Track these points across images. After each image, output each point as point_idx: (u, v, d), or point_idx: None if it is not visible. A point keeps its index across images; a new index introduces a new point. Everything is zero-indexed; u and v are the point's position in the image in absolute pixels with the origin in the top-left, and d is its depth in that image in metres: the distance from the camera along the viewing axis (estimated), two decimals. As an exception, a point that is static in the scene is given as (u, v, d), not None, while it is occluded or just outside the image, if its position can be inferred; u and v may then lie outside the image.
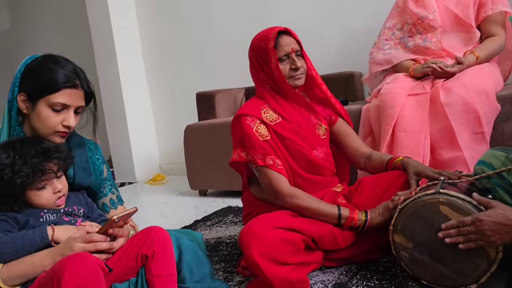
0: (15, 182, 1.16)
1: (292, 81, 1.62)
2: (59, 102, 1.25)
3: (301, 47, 1.63)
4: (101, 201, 1.47)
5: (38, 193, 1.21)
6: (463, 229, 1.18)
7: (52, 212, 1.24)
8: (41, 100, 1.25)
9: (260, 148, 1.56)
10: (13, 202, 1.19)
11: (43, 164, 1.20)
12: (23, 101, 1.27)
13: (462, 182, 1.36)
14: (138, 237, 1.23)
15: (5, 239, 1.13)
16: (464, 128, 1.80)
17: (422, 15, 2.14)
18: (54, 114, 1.26)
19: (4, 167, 1.16)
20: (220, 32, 3.70)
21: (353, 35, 3.06)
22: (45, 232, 1.16)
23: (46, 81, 1.25)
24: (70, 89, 1.27)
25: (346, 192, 1.66)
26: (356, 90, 2.90)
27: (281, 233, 1.36)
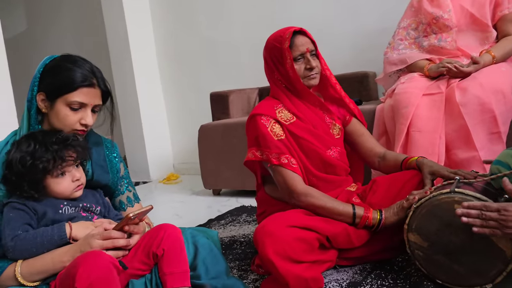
0: (37, 168, 1.20)
1: (306, 81, 1.63)
2: (77, 101, 1.28)
3: (316, 47, 1.64)
4: (118, 198, 1.49)
5: (58, 180, 1.25)
6: (486, 213, 1.15)
7: (71, 205, 1.27)
8: (60, 99, 1.28)
9: (275, 147, 1.57)
10: (34, 189, 1.22)
11: (62, 151, 1.24)
12: (42, 100, 1.30)
13: (478, 182, 1.36)
14: (148, 235, 1.24)
15: (24, 236, 1.16)
16: (480, 128, 1.79)
17: (437, 14, 2.12)
18: (72, 112, 1.29)
19: (26, 155, 1.21)
20: (235, 32, 3.71)
21: (367, 34, 3.05)
22: (63, 230, 1.18)
23: (64, 80, 1.28)
24: (87, 88, 1.30)
25: (361, 192, 1.66)
26: (370, 90, 2.89)
27: (295, 231, 1.37)
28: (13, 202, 1.21)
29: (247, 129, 1.69)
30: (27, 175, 1.21)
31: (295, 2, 3.35)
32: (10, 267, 1.17)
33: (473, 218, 1.17)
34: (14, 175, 1.21)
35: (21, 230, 1.17)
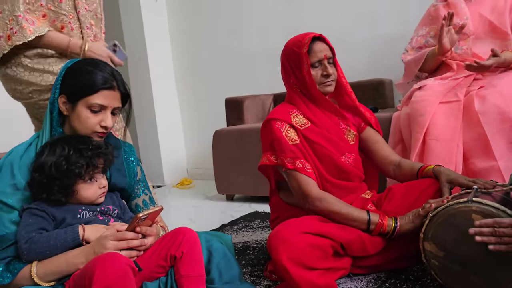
0: (72, 172, 1.23)
1: (322, 87, 1.63)
2: (97, 103, 1.30)
3: (333, 54, 1.64)
4: (134, 201, 1.50)
5: (87, 185, 1.28)
6: (499, 230, 1.13)
7: (89, 210, 1.29)
8: (80, 102, 1.30)
9: (290, 151, 1.56)
10: (63, 193, 1.24)
11: (95, 159, 1.27)
12: (64, 103, 1.32)
13: (497, 192, 1.33)
14: (167, 238, 1.26)
15: (38, 238, 1.18)
16: (500, 137, 1.76)
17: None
18: (93, 115, 1.31)
19: (61, 159, 1.23)
20: (251, 39, 3.73)
21: (384, 42, 3.04)
22: (76, 232, 1.20)
23: (85, 83, 1.30)
24: (108, 90, 1.32)
25: (376, 199, 1.65)
26: (386, 98, 2.88)
27: (309, 238, 1.36)
28: (33, 208, 1.23)
29: (262, 134, 1.69)
30: (60, 178, 1.23)
31: (313, 10, 3.36)
32: (25, 268, 1.19)
33: (487, 236, 1.15)
34: (46, 178, 1.23)
35: (36, 233, 1.19)
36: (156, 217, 1.30)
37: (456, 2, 2.15)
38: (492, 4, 2.08)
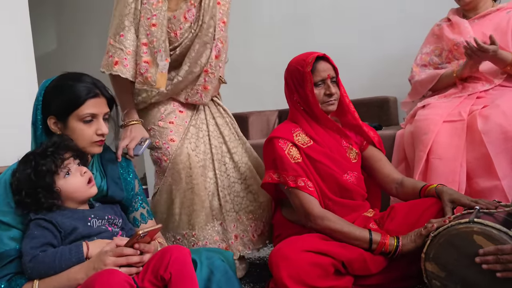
0: (42, 173, 1.23)
1: (325, 106, 1.65)
2: (88, 113, 1.32)
3: (337, 74, 1.66)
4: (132, 215, 1.50)
5: (67, 179, 1.26)
6: (502, 257, 1.14)
7: (98, 218, 1.29)
8: (71, 117, 1.31)
9: (292, 170, 1.57)
10: (50, 197, 1.24)
11: (57, 151, 1.26)
12: (54, 123, 1.33)
13: (499, 212, 1.33)
14: (156, 258, 1.22)
15: (43, 258, 1.17)
16: (503, 156, 1.76)
17: (458, 41, 2.12)
18: (86, 126, 1.33)
19: (28, 169, 1.24)
20: (257, 55, 3.76)
21: (389, 60, 3.05)
22: (81, 251, 1.19)
23: (70, 98, 1.31)
24: (93, 98, 1.33)
25: (378, 218, 1.64)
26: (390, 115, 2.88)
27: (311, 256, 1.37)
28: (40, 219, 1.22)
29: (264, 152, 1.70)
30: (38, 185, 1.23)
31: (319, 28, 3.39)
32: (27, 284, 1.19)
33: (493, 264, 1.16)
34: (26, 195, 1.23)
35: (40, 250, 1.18)
36: (155, 234, 1.30)
37: (459, 22, 2.17)
38: (495, 24, 2.09)
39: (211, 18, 1.83)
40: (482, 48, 1.90)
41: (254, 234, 1.82)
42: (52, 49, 5.86)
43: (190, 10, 1.80)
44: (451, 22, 2.23)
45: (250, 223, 1.82)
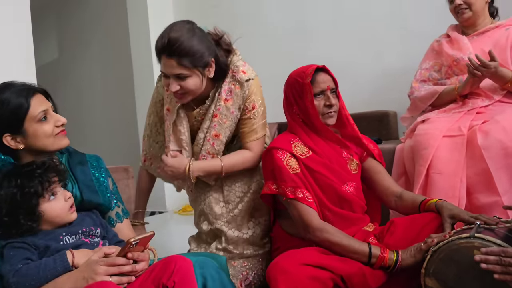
0: (29, 194, 1.20)
1: (325, 118, 1.65)
2: (40, 111, 1.29)
3: (336, 86, 1.67)
4: (107, 214, 1.46)
5: (51, 203, 1.24)
6: (505, 259, 1.12)
7: (70, 234, 1.26)
8: (26, 124, 1.28)
9: (291, 181, 1.56)
10: (31, 220, 1.21)
11: (46, 174, 1.25)
12: (12, 139, 1.29)
13: (500, 228, 1.32)
14: (159, 266, 1.21)
15: (26, 270, 1.14)
16: (503, 172, 1.76)
17: (457, 57, 2.14)
18: (45, 123, 1.31)
19: (13, 189, 1.21)
20: (257, 67, 3.75)
21: (389, 74, 3.07)
22: (66, 260, 1.17)
23: (15, 107, 1.28)
24: (34, 96, 1.31)
25: (378, 232, 1.63)
26: (390, 129, 2.89)
27: (309, 270, 1.35)
28: (12, 242, 1.20)
29: (263, 163, 1.70)
30: (22, 207, 1.20)
31: (319, 42, 3.40)
32: None
33: (492, 264, 1.14)
34: (6, 214, 1.20)
35: (22, 263, 1.16)
36: (148, 242, 1.27)
37: (458, 38, 2.19)
38: (494, 41, 2.10)
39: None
40: (484, 64, 1.91)
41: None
42: (53, 58, 5.88)
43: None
44: (450, 38, 2.25)
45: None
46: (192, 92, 1.61)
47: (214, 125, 1.69)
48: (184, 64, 1.55)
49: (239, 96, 1.73)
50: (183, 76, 1.58)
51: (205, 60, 1.59)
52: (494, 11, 2.24)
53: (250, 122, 1.76)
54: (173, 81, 1.58)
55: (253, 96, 1.76)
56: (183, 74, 1.57)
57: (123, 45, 4.60)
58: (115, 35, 4.89)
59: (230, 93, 1.72)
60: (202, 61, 1.58)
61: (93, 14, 5.15)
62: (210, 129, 1.71)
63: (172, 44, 1.53)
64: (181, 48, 1.53)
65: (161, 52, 1.58)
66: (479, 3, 2.14)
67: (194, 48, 1.55)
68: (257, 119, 1.77)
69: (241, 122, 1.77)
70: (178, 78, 1.58)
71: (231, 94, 1.72)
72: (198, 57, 1.57)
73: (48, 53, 5.82)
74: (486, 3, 2.17)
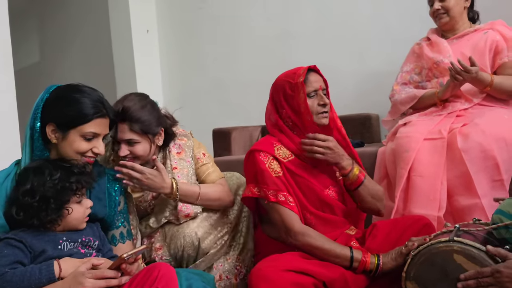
0: (68, 189, 1.24)
1: (318, 119, 1.62)
2: (91, 132, 1.33)
3: (327, 86, 1.66)
4: (111, 232, 1.46)
5: (77, 206, 1.28)
6: (482, 280, 1.15)
7: (70, 241, 1.26)
8: (73, 130, 1.31)
9: (273, 184, 1.55)
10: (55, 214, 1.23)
11: (82, 177, 1.29)
12: (52, 131, 1.32)
13: (479, 231, 1.33)
14: (142, 274, 1.20)
15: (11, 277, 1.14)
16: (483, 175, 1.78)
17: (437, 59, 2.16)
18: (86, 142, 1.33)
19: (56, 178, 1.24)
20: (242, 71, 3.77)
21: (371, 77, 3.08)
22: (52, 272, 1.16)
23: (76, 112, 1.31)
24: (100, 118, 1.34)
25: (360, 236, 1.63)
26: (372, 132, 2.90)
27: (291, 276, 1.35)
28: (10, 238, 1.20)
29: (245, 166, 1.68)
30: (55, 197, 1.23)
31: (303, 46, 3.40)
32: None
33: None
34: (38, 200, 1.22)
35: (9, 268, 1.15)
36: (139, 254, 1.27)
37: (438, 41, 2.21)
38: (473, 44, 2.13)
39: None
40: (466, 69, 1.92)
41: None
42: (34, 61, 5.79)
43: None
44: (430, 41, 2.27)
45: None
46: (141, 157, 1.68)
47: (178, 176, 1.75)
48: (134, 129, 1.64)
49: (189, 146, 1.85)
50: (133, 142, 1.65)
51: (154, 128, 1.70)
52: (474, 16, 2.26)
53: (207, 167, 1.87)
54: (124, 146, 1.65)
55: (198, 146, 1.91)
56: (133, 140, 1.65)
57: (105, 49, 4.55)
58: (97, 38, 4.83)
59: (180, 147, 1.84)
60: (151, 129, 1.69)
61: (75, 17, 5.09)
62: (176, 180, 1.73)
63: (125, 111, 1.63)
64: (132, 115, 1.64)
65: (116, 117, 1.66)
66: (457, 8, 2.16)
67: (144, 117, 1.66)
68: (210, 163, 1.90)
69: (200, 171, 1.86)
70: (128, 143, 1.65)
71: (180, 148, 1.84)
72: (148, 125, 1.67)
73: (29, 56, 5.73)
74: (465, 9, 2.19)
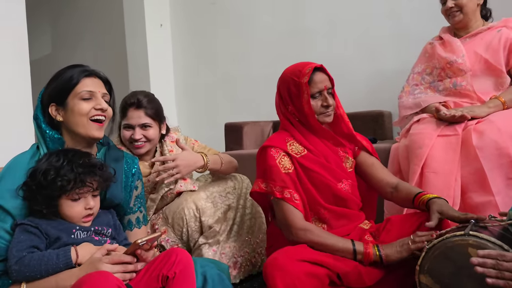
0: (56, 185, 1.22)
1: (322, 117, 1.64)
2: (85, 90, 1.36)
3: (332, 85, 1.66)
4: (128, 217, 1.48)
5: (71, 203, 1.26)
6: (501, 263, 1.11)
7: (83, 230, 1.27)
8: (69, 98, 1.35)
9: (280, 180, 1.56)
10: (45, 204, 1.23)
11: (85, 176, 1.25)
12: (56, 109, 1.35)
13: (494, 226, 1.33)
14: (160, 258, 1.24)
15: (29, 261, 1.15)
16: (497, 172, 1.77)
17: (451, 59, 2.15)
18: (85, 102, 1.36)
19: (51, 168, 1.23)
20: (253, 66, 3.78)
21: (384, 75, 3.09)
22: (69, 258, 1.18)
23: (66, 79, 1.36)
24: (89, 77, 1.39)
25: (374, 230, 1.64)
26: (385, 129, 2.90)
27: (306, 266, 1.36)
28: (26, 224, 1.21)
29: (257, 161, 1.69)
30: (46, 188, 1.22)
31: (315, 42, 3.41)
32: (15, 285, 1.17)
33: (488, 268, 1.13)
34: (35, 185, 1.23)
35: (27, 252, 1.17)
36: (154, 242, 1.29)
37: (451, 41, 2.20)
38: (487, 43, 2.12)
39: None
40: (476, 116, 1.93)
41: None
42: (47, 53, 5.83)
43: None
44: (443, 41, 2.26)
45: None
46: (151, 141, 1.91)
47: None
48: (149, 114, 1.89)
49: (180, 138, 2.05)
50: (147, 125, 1.88)
51: (162, 116, 1.96)
52: (487, 13, 2.25)
53: (204, 146, 2.14)
54: (138, 130, 1.87)
55: (187, 138, 2.13)
56: (147, 124, 1.88)
57: (119, 42, 4.58)
58: (111, 32, 4.86)
59: (172, 137, 2.04)
60: (161, 116, 1.95)
61: (89, 11, 5.12)
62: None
63: (141, 100, 1.88)
64: (148, 102, 1.90)
65: (130, 106, 1.89)
66: (470, 6, 2.15)
67: (156, 105, 1.94)
68: (202, 145, 2.13)
69: (200, 149, 2.08)
70: (143, 127, 1.88)
71: (173, 138, 2.03)
72: (160, 112, 1.94)
73: (41, 48, 5.78)
74: (478, 6, 2.19)
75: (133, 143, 1.88)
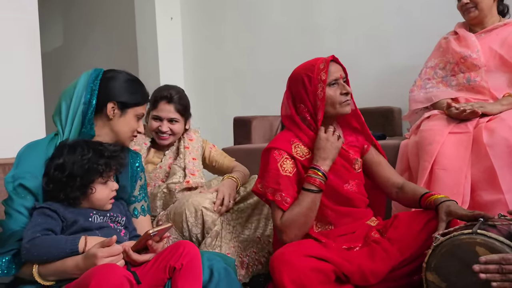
0: (94, 170, 1.30)
1: (342, 107, 1.61)
2: (142, 112, 1.49)
3: (346, 75, 1.66)
4: (133, 205, 1.53)
5: (102, 186, 1.33)
6: (505, 267, 1.11)
7: (100, 214, 1.32)
8: (130, 110, 1.45)
9: (275, 183, 1.56)
10: (81, 191, 1.29)
11: (112, 161, 1.35)
12: (112, 108, 1.42)
13: (503, 225, 1.33)
14: (168, 250, 1.26)
15: (40, 242, 1.20)
16: (508, 170, 1.76)
17: (465, 54, 2.13)
18: (136, 122, 1.48)
19: (85, 158, 1.30)
20: (263, 61, 3.77)
21: (394, 71, 3.06)
22: (75, 245, 1.21)
23: (140, 96, 1.49)
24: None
25: (381, 227, 1.63)
26: (394, 126, 2.88)
27: (313, 261, 1.36)
28: (44, 208, 1.26)
29: (261, 160, 1.69)
30: (81, 176, 1.28)
31: (324, 37, 3.39)
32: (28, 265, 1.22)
33: (492, 273, 1.12)
34: (67, 176, 1.28)
35: (41, 233, 1.21)
36: (165, 233, 1.31)
37: (466, 36, 2.18)
38: (502, 38, 2.10)
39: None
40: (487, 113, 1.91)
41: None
42: (58, 45, 5.87)
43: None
44: (458, 36, 2.24)
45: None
46: (176, 135, 2.03)
47: (189, 153, 2.03)
48: (178, 109, 1.99)
49: (198, 138, 2.16)
50: (174, 120, 2.00)
51: (189, 113, 2.08)
52: (504, 9, 2.23)
53: (218, 154, 2.21)
54: (166, 123, 1.98)
55: (206, 142, 2.22)
56: (175, 119, 2.00)
57: (129, 35, 4.60)
58: (121, 25, 4.88)
59: (191, 136, 2.13)
60: (189, 113, 2.08)
61: (100, 4, 5.14)
62: (186, 156, 2.02)
63: (173, 95, 1.99)
64: (180, 99, 2.01)
65: (162, 99, 1.99)
66: (486, 2, 2.12)
67: (186, 102, 2.06)
68: (219, 151, 2.23)
69: (212, 160, 2.17)
70: (170, 121, 1.99)
71: (191, 137, 2.13)
72: (188, 109, 2.06)
73: (53, 40, 5.82)
74: (494, 2, 2.16)
75: (159, 134, 1.99)
